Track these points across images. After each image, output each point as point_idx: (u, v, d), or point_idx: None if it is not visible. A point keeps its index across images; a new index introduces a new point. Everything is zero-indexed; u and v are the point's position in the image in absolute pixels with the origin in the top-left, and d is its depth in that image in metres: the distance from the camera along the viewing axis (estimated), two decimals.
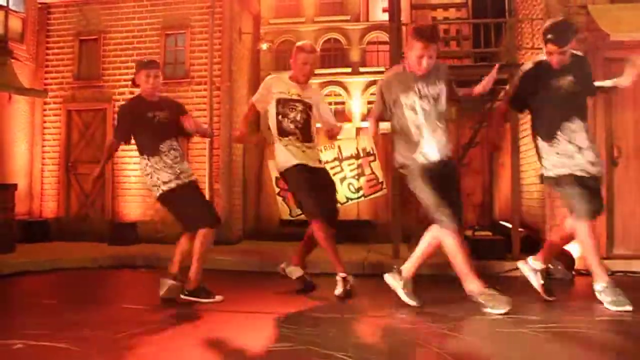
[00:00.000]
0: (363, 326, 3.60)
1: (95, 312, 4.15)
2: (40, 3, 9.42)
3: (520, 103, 4.46)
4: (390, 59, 7.11)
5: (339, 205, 4.92)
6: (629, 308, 3.85)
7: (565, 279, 5.42)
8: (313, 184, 4.55)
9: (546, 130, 4.21)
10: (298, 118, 4.68)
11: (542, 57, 4.28)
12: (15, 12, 9.04)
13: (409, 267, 4.22)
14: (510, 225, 6.50)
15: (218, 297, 4.37)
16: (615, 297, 3.94)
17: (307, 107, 4.75)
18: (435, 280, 5.37)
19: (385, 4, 10.51)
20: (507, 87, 6.52)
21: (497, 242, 6.33)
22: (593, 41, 6.18)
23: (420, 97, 4.06)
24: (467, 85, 5.09)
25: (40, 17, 9.46)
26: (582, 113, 4.20)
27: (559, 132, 4.13)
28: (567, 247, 5.75)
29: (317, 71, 16.38)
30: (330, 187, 4.84)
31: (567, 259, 5.56)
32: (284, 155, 4.68)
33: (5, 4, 8.78)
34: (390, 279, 4.26)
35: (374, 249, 7.03)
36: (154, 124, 4.47)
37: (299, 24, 18.14)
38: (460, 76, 6.64)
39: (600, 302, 4.03)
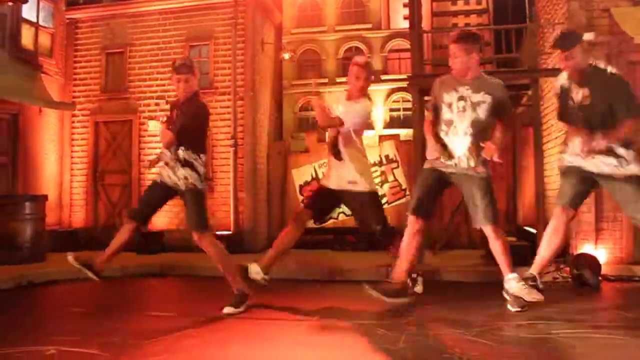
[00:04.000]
0: (387, 333, 3.62)
1: (124, 319, 4.23)
2: (68, 19, 9.68)
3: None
4: (412, 66, 7.14)
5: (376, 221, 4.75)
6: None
7: (591, 284, 5.33)
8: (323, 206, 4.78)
9: None
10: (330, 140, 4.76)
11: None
12: (45, 27, 9.30)
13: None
14: (534, 231, 6.45)
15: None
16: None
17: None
18: (460, 287, 5.36)
19: (406, 12, 10.54)
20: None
21: (522, 247, 6.28)
22: (616, 44, 6.13)
23: (459, 98, 4.20)
24: None
25: (69, 32, 9.72)
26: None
27: None
28: (594, 253, 5.71)
29: (338, 79, 16.41)
30: (355, 211, 4.79)
31: (594, 264, 5.47)
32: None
33: (35, 21, 9.04)
34: None
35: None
36: (171, 124, 4.65)
37: (320, 33, 18.25)
38: None
39: (624, 309, 3.99)
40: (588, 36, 4.44)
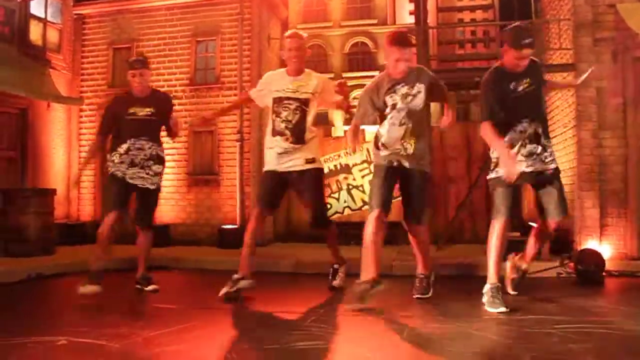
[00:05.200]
0: (390, 326, 3.67)
1: (132, 311, 4.31)
2: (75, 14, 9.74)
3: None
4: (418, 61, 7.15)
5: (323, 206, 4.93)
6: (503, 310, 3.84)
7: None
8: (269, 191, 4.61)
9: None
10: (290, 117, 4.49)
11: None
12: (53, 23, 9.37)
13: None
14: None
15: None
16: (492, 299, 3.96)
17: (302, 104, 4.52)
18: (462, 280, 5.39)
19: (412, 7, 10.55)
20: None
21: (526, 243, 6.29)
22: (622, 40, 6.14)
23: (401, 97, 4.25)
24: None
25: (76, 27, 9.79)
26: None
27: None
28: (598, 249, 5.73)
29: (344, 74, 16.41)
30: (309, 190, 4.66)
31: (597, 260, 5.48)
32: (266, 157, 4.69)
33: (43, 17, 9.10)
34: None
35: (403, 250, 7.06)
36: (130, 120, 4.75)
37: (326, 28, 18.24)
38: None
39: (627, 304, 4.02)
40: None
